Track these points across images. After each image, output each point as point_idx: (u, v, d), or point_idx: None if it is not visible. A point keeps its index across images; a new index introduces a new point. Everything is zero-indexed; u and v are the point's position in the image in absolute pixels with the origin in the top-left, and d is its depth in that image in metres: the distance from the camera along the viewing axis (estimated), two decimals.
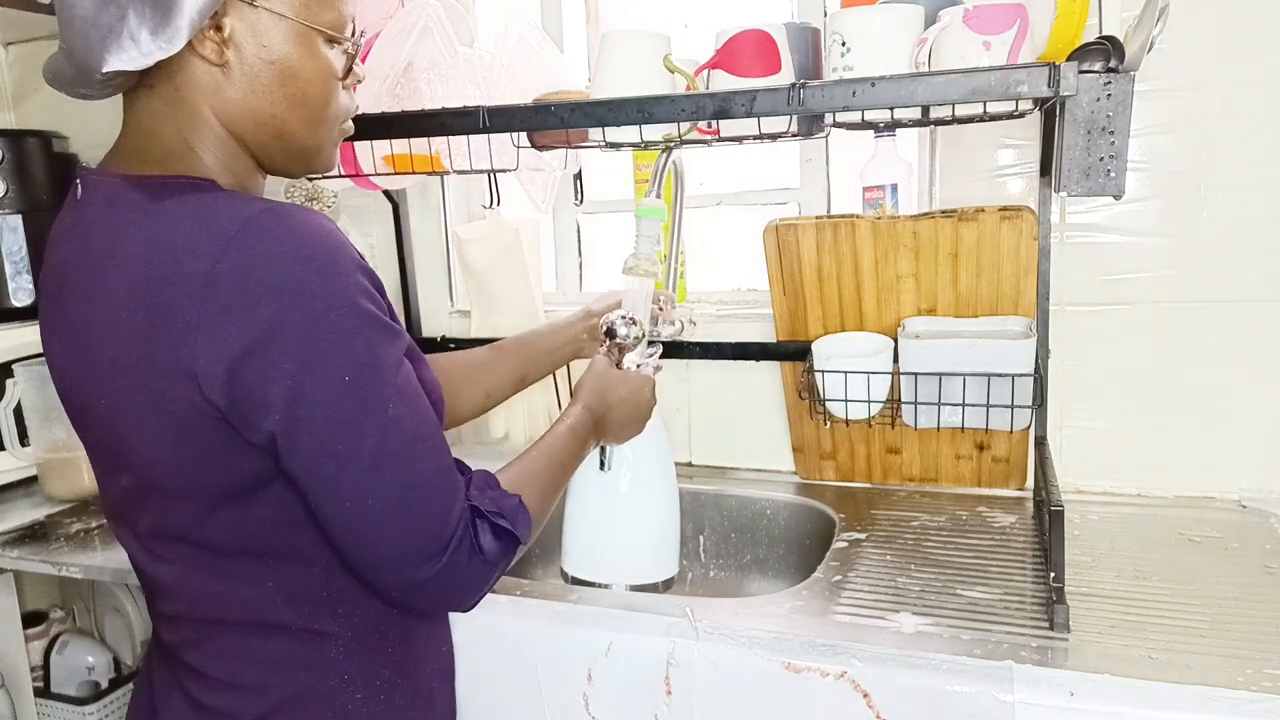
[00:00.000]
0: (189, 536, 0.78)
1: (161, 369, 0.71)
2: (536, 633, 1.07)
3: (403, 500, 0.74)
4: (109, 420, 0.77)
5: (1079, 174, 0.93)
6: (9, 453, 1.57)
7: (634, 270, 1.18)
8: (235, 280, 0.69)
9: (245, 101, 0.78)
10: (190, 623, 0.82)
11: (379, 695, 0.84)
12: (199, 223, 0.72)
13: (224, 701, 0.81)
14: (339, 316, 0.72)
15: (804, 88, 1.01)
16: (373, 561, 0.76)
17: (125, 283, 0.72)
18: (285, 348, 0.70)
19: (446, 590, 0.78)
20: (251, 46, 0.76)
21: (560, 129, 1.17)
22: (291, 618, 0.80)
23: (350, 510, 0.73)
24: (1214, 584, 1.07)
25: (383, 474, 0.73)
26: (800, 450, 1.51)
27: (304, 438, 0.72)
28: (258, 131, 0.80)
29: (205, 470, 0.74)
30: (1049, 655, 0.92)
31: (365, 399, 0.72)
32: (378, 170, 1.43)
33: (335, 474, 0.72)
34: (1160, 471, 1.34)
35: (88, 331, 0.76)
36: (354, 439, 0.72)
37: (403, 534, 0.74)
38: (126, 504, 0.82)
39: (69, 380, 0.81)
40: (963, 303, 1.34)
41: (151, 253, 0.72)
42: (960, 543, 1.22)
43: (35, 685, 1.58)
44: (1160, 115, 1.26)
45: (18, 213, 1.68)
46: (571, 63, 1.64)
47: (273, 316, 0.69)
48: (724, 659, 0.98)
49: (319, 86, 0.80)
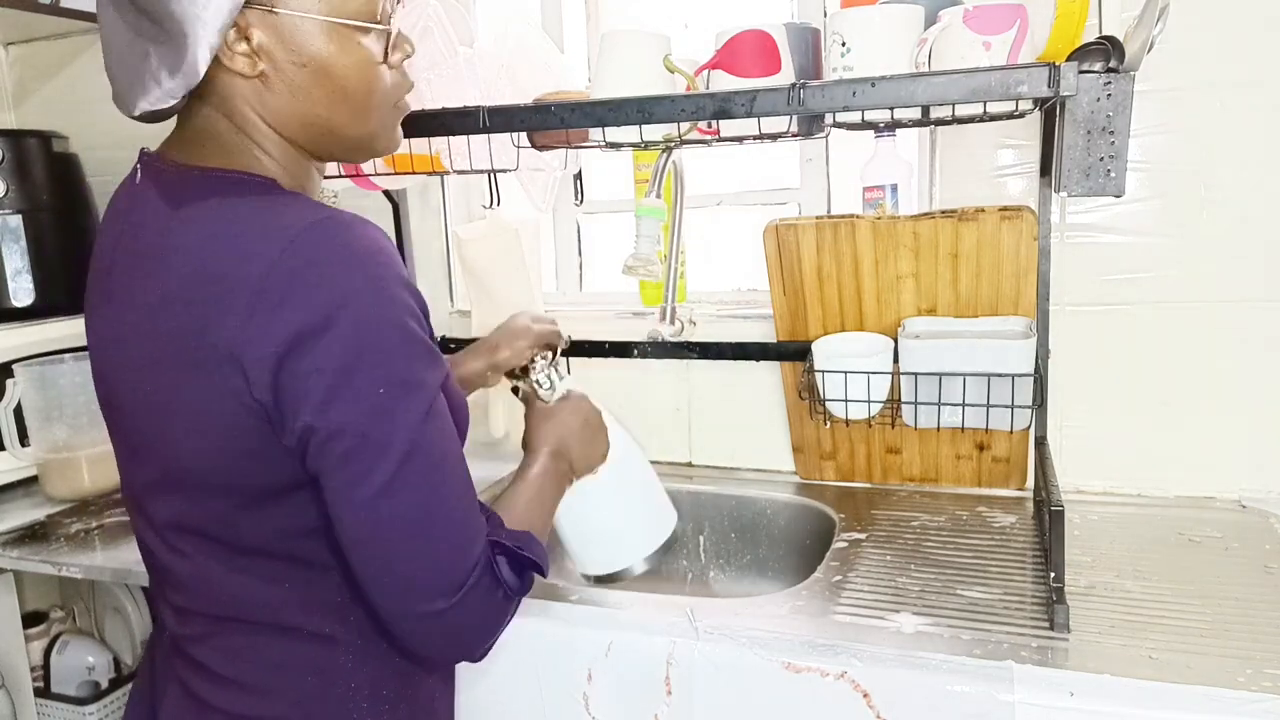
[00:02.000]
0: (211, 532, 0.78)
1: (210, 363, 0.70)
2: (536, 633, 1.07)
3: (422, 527, 0.73)
4: (146, 409, 0.76)
5: (1079, 174, 0.93)
6: (9, 453, 1.57)
7: (634, 270, 1.18)
8: (291, 279, 0.69)
9: (289, 107, 0.77)
10: (202, 618, 0.82)
11: (383, 706, 0.83)
12: (262, 223, 0.72)
13: (227, 700, 0.81)
14: (386, 331, 0.71)
15: (804, 88, 1.01)
16: (386, 588, 0.74)
17: (180, 273, 0.72)
18: (329, 350, 0.69)
19: (459, 627, 0.76)
20: (282, 53, 0.75)
21: (560, 129, 1.17)
22: (304, 620, 0.80)
23: (367, 532, 0.72)
24: (1214, 584, 1.07)
25: (402, 496, 0.72)
26: (800, 450, 1.51)
27: (331, 445, 0.71)
28: (307, 132, 0.79)
29: (240, 469, 0.74)
30: (1049, 655, 0.92)
31: (396, 416, 0.72)
32: (378, 170, 1.43)
33: (355, 488, 0.71)
34: (1160, 471, 1.34)
35: (134, 318, 0.76)
36: (379, 455, 0.71)
37: (420, 562, 0.73)
38: (149, 493, 0.81)
39: (107, 363, 0.81)
40: (963, 303, 1.34)
41: (210, 247, 0.72)
42: (960, 543, 1.22)
43: (35, 685, 1.58)
44: (1160, 115, 1.26)
45: (18, 213, 1.68)
46: (571, 63, 1.64)
47: (323, 319, 0.69)
48: (724, 659, 0.98)
49: (358, 78, 0.78)
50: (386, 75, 0.81)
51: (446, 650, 0.81)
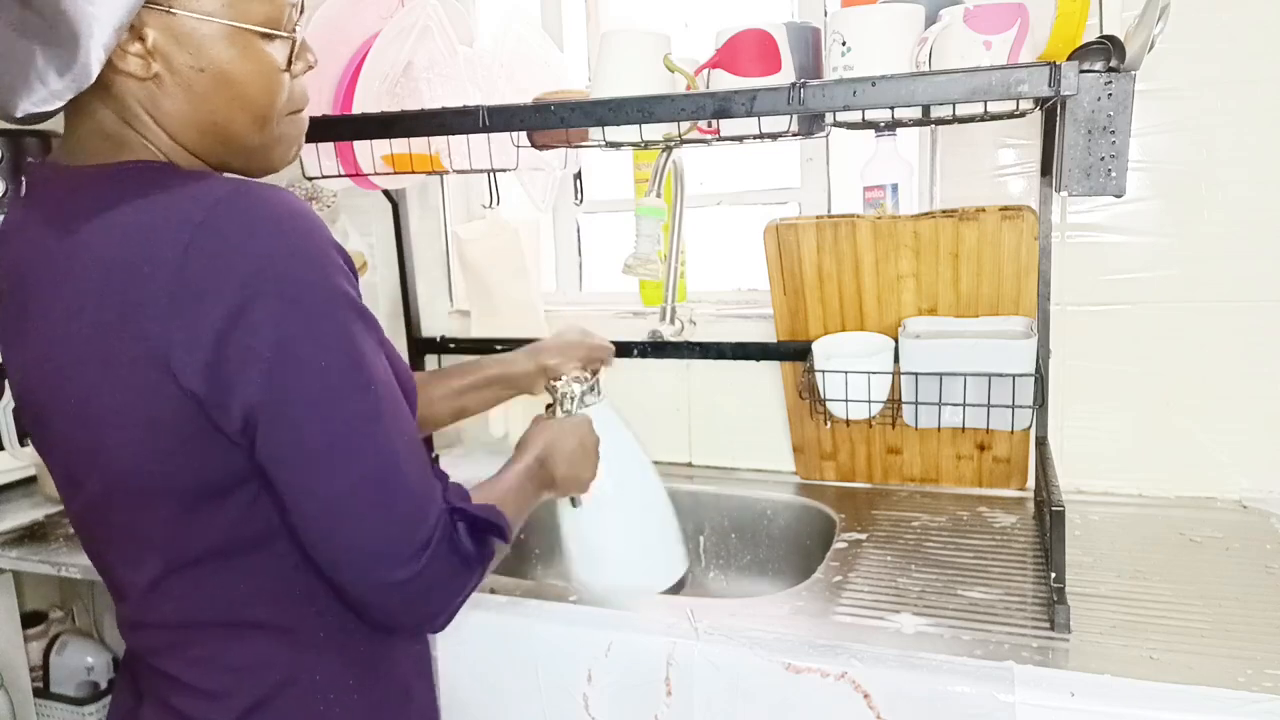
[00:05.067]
0: (161, 540, 0.76)
1: (137, 361, 0.68)
2: (536, 633, 1.07)
3: (378, 495, 0.72)
4: (77, 422, 0.74)
5: (1079, 174, 0.93)
6: (9, 453, 1.56)
7: (634, 270, 1.18)
8: (207, 265, 0.67)
9: (184, 112, 0.74)
10: (162, 630, 0.80)
11: (351, 695, 0.82)
12: (165, 207, 0.69)
13: (204, 710, 0.79)
14: (316, 299, 0.69)
15: (804, 87, 1.01)
16: (345, 560, 0.73)
17: (89, 272, 0.70)
18: (259, 331, 0.67)
19: (421, 595, 0.75)
20: (179, 55, 0.72)
21: (560, 129, 1.17)
22: (265, 615, 0.78)
23: (322, 504, 0.71)
24: (1214, 584, 1.07)
25: (355, 467, 0.71)
26: (800, 450, 1.51)
27: (277, 426, 0.69)
28: (203, 139, 0.76)
29: (182, 468, 0.72)
30: (1049, 655, 0.92)
31: (341, 387, 0.70)
32: (377, 170, 1.43)
33: (306, 465, 0.70)
34: (1160, 471, 1.34)
35: (50, 331, 0.72)
36: (327, 428, 0.70)
37: (377, 531, 0.72)
38: (94, 512, 0.79)
39: (33, 389, 0.77)
40: (963, 303, 1.34)
41: (117, 239, 0.69)
42: (961, 543, 1.22)
43: (34, 685, 1.58)
44: (1160, 115, 1.26)
45: None
46: (571, 63, 1.64)
47: (247, 300, 0.67)
48: (724, 659, 0.98)
49: (260, 85, 0.76)
50: (287, 84, 0.79)
51: (406, 617, 0.79)
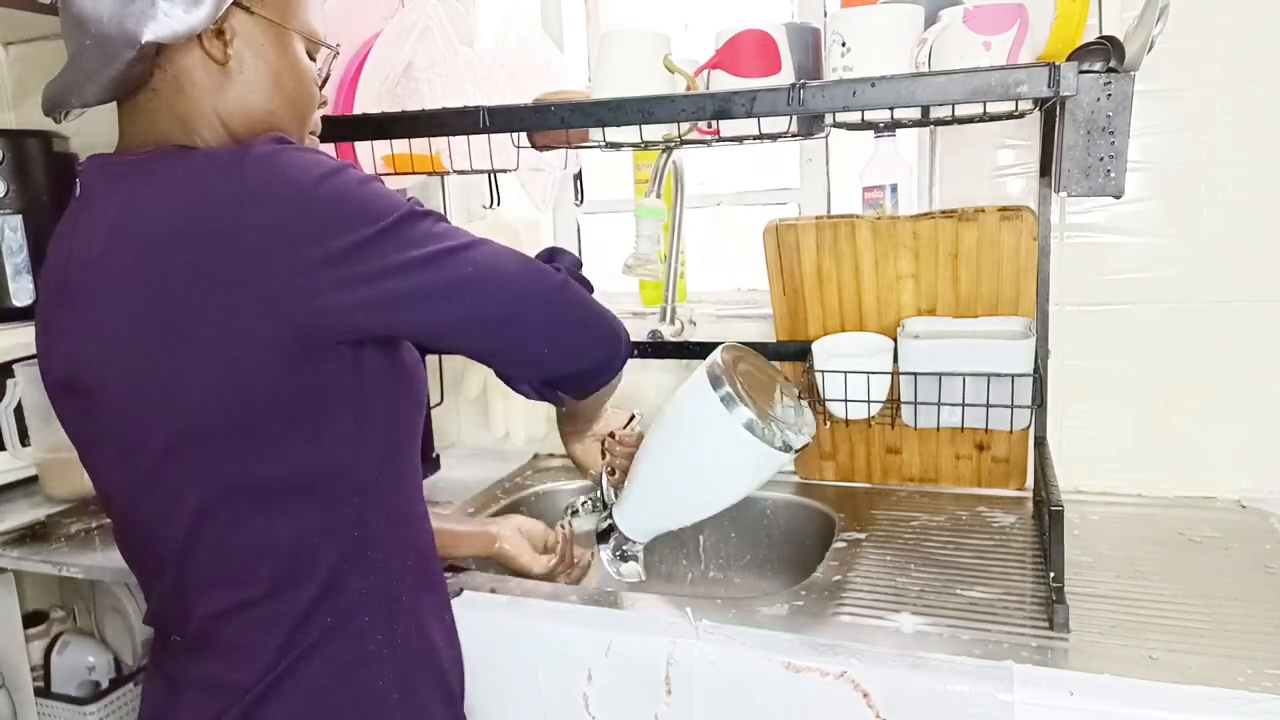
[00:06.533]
0: (234, 477, 0.79)
1: (220, 302, 0.73)
2: (536, 633, 1.07)
3: (521, 301, 0.84)
4: (144, 379, 0.77)
5: (1079, 174, 0.93)
6: (9, 453, 1.56)
7: (634, 270, 1.18)
8: (265, 197, 0.74)
9: (243, 99, 0.83)
10: (205, 590, 0.83)
11: (394, 649, 0.88)
12: (205, 165, 0.77)
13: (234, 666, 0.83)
14: (378, 202, 0.78)
15: (804, 88, 1.01)
16: (546, 358, 0.88)
17: (154, 225, 0.75)
18: (355, 255, 0.75)
19: (592, 320, 0.91)
20: (249, 49, 0.83)
21: (560, 129, 1.17)
22: (324, 562, 0.83)
23: (494, 334, 0.84)
24: (1214, 584, 1.07)
25: (504, 291, 0.83)
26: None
27: (412, 314, 0.79)
28: (250, 127, 0.84)
29: (272, 393, 0.76)
30: (1049, 655, 0.92)
31: (440, 255, 0.79)
32: (378, 170, 1.43)
33: (465, 322, 0.82)
34: (1160, 471, 1.34)
35: (111, 297, 0.77)
36: (461, 291, 0.80)
37: (526, 332, 0.85)
38: (155, 473, 0.80)
39: (79, 370, 0.80)
40: (963, 303, 1.34)
41: (180, 192, 0.76)
42: (960, 543, 1.22)
43: (35, 685, 1.58)
44: (1160, 115, 1.26)
45: (18, 213, 1.68)
46: (571, 63, 1.64)
47: (320, 222, 0.74)
48: (724, 659, 0.98)
49: (307, 87, 0.88)
50: (316, 91, 0.91)
51: (604, 347, 0.94)
